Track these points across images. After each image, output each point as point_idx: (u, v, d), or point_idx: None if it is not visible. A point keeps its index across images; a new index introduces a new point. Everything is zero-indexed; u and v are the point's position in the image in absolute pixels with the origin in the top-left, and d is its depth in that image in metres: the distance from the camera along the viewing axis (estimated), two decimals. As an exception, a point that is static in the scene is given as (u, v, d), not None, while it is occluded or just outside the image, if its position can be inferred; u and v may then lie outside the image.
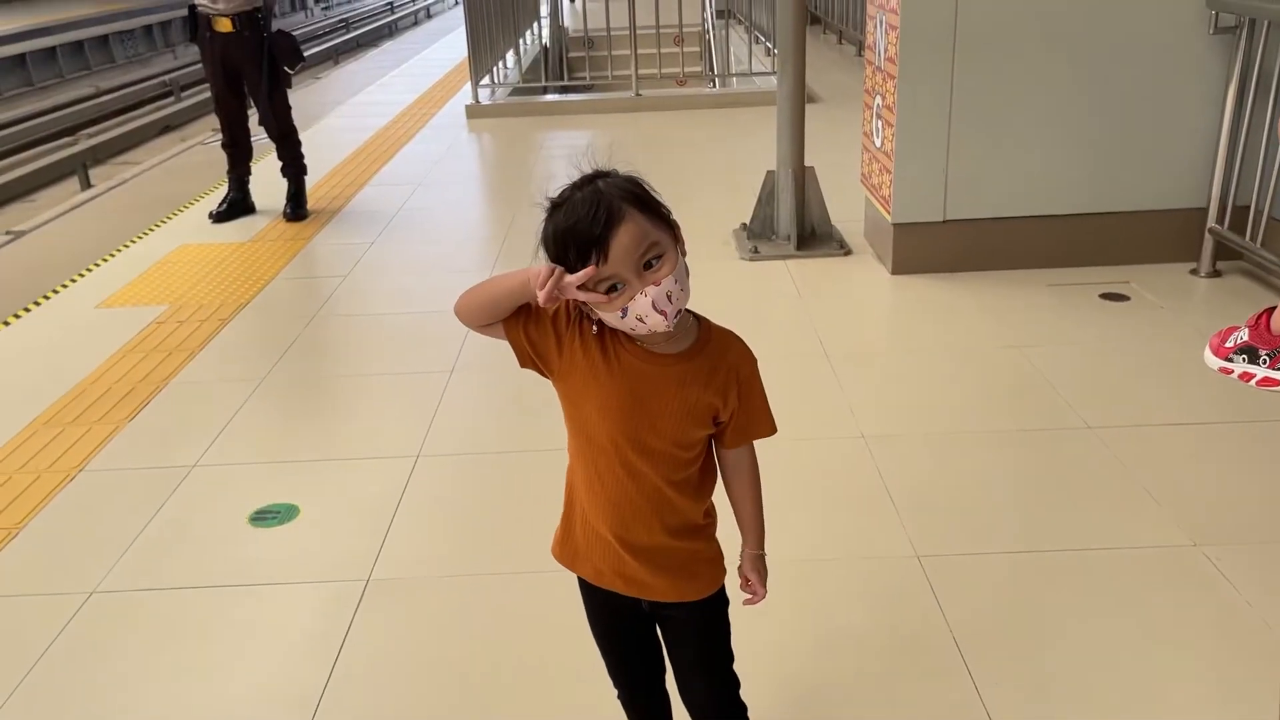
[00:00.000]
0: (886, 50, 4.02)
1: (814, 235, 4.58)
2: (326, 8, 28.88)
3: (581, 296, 1.25)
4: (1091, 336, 3.56)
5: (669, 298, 1.24)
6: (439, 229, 5.26)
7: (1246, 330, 1.22)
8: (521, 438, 3.07)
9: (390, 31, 23.78)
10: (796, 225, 4.50)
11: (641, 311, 1.24)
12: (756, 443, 1.48)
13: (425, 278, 4.51)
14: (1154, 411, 3.01)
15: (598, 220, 1.23)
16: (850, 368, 3.36)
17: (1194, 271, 4.01)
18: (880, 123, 4.17)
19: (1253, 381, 1.19)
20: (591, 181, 1.29)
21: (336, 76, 12.09)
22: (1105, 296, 3.85)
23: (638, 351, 1.33)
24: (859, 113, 4.58)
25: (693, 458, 1.41)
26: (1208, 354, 1.27)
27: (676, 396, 1.34)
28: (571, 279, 1.23)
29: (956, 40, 3.81)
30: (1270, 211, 3.68)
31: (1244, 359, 1.20)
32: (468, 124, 7.81)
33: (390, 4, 29.94)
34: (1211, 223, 3.92)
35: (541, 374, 1.40)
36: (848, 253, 4.46)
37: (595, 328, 1.34)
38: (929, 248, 4.10)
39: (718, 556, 1.49)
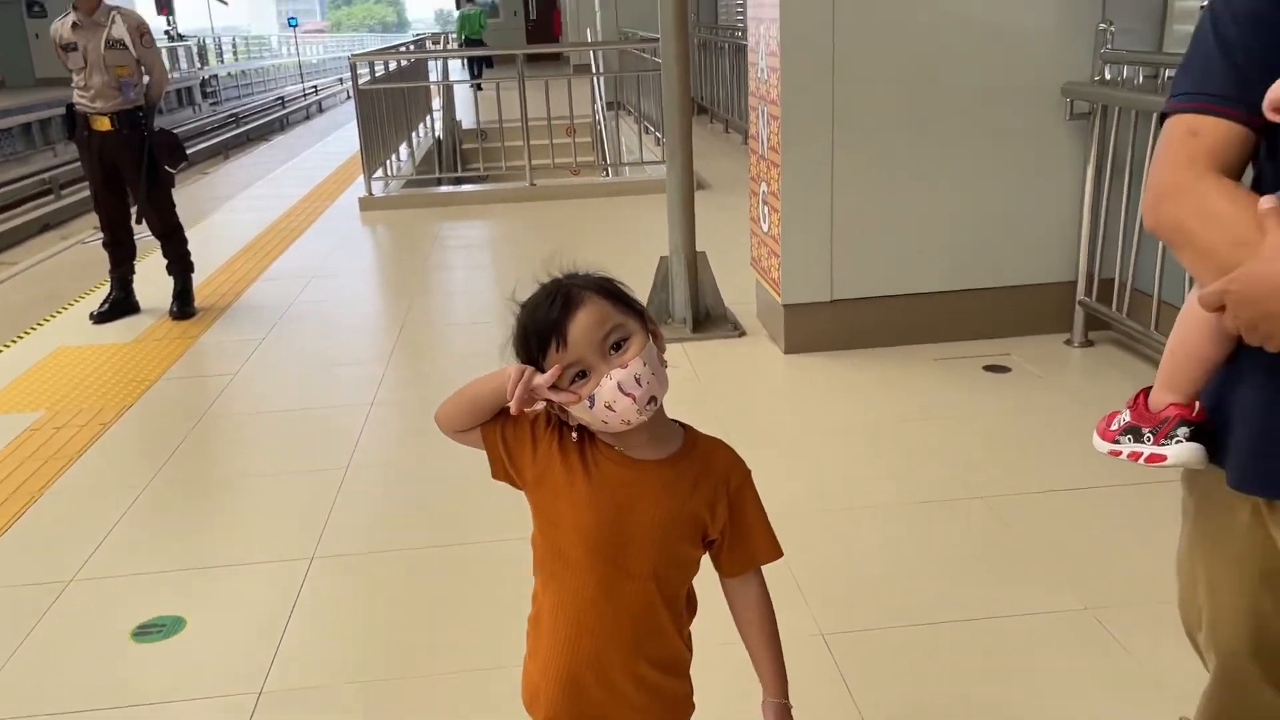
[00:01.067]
0: (769, 140, 4.16)
1: (709, 318, 4.66)
2: (215, 103, 28.62)
3: (553, 397, 1.22)
4: (978, 408, 3.68)
5: (637, 380, 1.20)
6: (333, 322, 5.18)
7: (1128, 412, 1.25)
8: (422, 535, 3.00)
9: (281, 126, 23.67)
10: (691, 309, 4.57)
11: (609, 397, 1.20)
12: None
13: (320, 372, 4.42)
14: (1040, 479, 3.10)
15: (555, 305, 1.22)
16: (749, 447, 3.37)
17: (1068, 342, 4.20)
18: (766, 208, 4.30)
19: (1140, 459, 1.22)
20: (556, 280, 1.29)
21: (226, 171, 11.93)
22: (988, 369, 3.99)
23: (618, 457, 1.28)
24: (747, 198, 4.71)
25: (680, 579, 1.34)
26: (1096, 439, 1.30)
27: (660, 504, 1.28)
28: (541, 379, 1.21)
29: (835, 130, 3.97)
30: (1133, 284, 3.89)
31: (1130, 439, 1.23)
32: (361, 216, 7.76)
33: (281, 99, 29.87)
34: (1081, 296, 4.13)
35: (514, 485, 1.34)
36: (742, 334, 4.54)
37: (575, 434, 1.29)
38: (819, 327, 4.20)
39: (690, 695, 1.41)
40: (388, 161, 8.68)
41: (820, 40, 3.87)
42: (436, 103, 11.13)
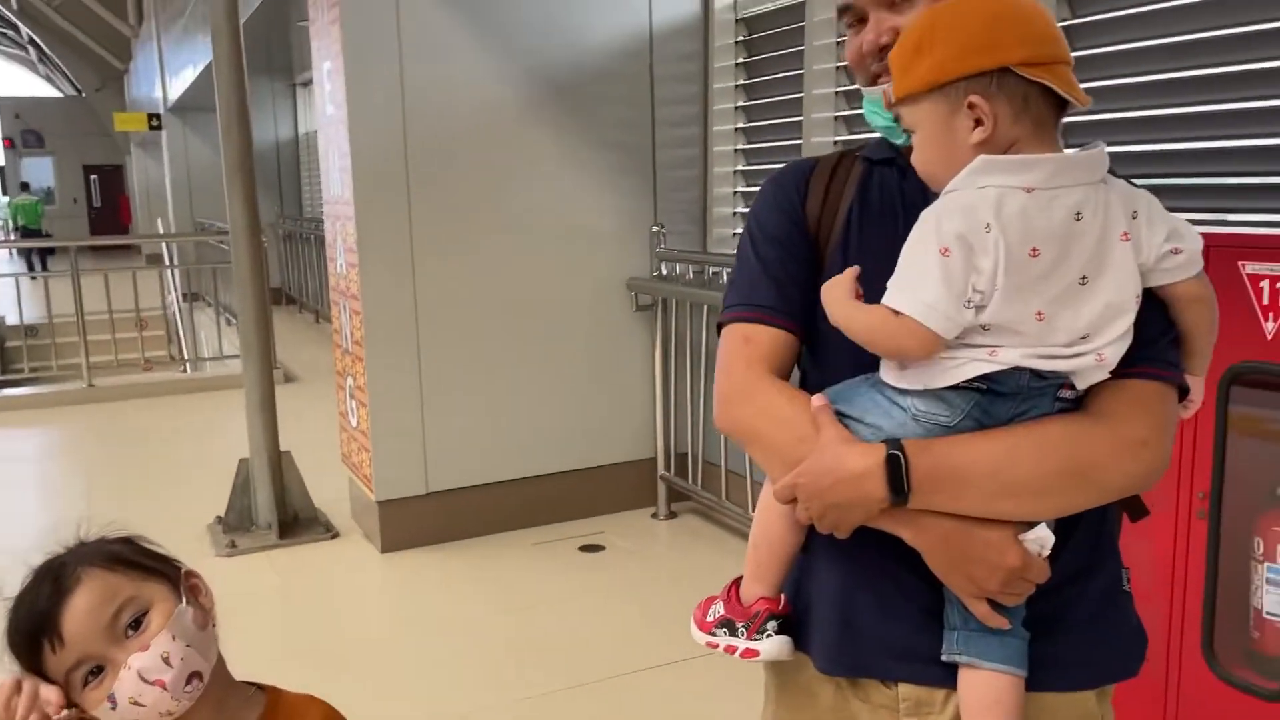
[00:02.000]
0: (353, 334, 4.09)
1: (297, 521, 4.36)
2: None
3: (66, 716, 0.97)
4: (576, 589, 3.72)
5: (166, 660, 0.99)
6: None
7: (722, 604, 1.26)
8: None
9: None
10: (277, 513, 4.26)
11: (131, 691, 0.98)
12: None
13: None
14: (638, 656, 3.15)
15: (41, 594, 0.99)
16: (345, 660, 3.14)
17: (655, 515, 4.42)
18: (354, 403, 4.18)
19: (736, 654, 1.22)
20: (50, 559, 1.04)
21: None
22: (584, 549, 4.08)
23: None
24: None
25: None
26: (694, 629, 1.28)
27: None
28: (49, 697, 0.97)
29: (419, 321, 3.99)
30: (704, 456, 4.22)
31: (725, 632, 1.23)
32: None
33: None
34: (661, 471, 4.39)
35: None
36: (335, 535, 4.29)
37: None
38: (416, 521, 4.08)
39: None
40: (-96, 365, 7.44)
41: (398, 237, 3.92)
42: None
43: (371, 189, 3.87)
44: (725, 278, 3.61)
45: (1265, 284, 1.95)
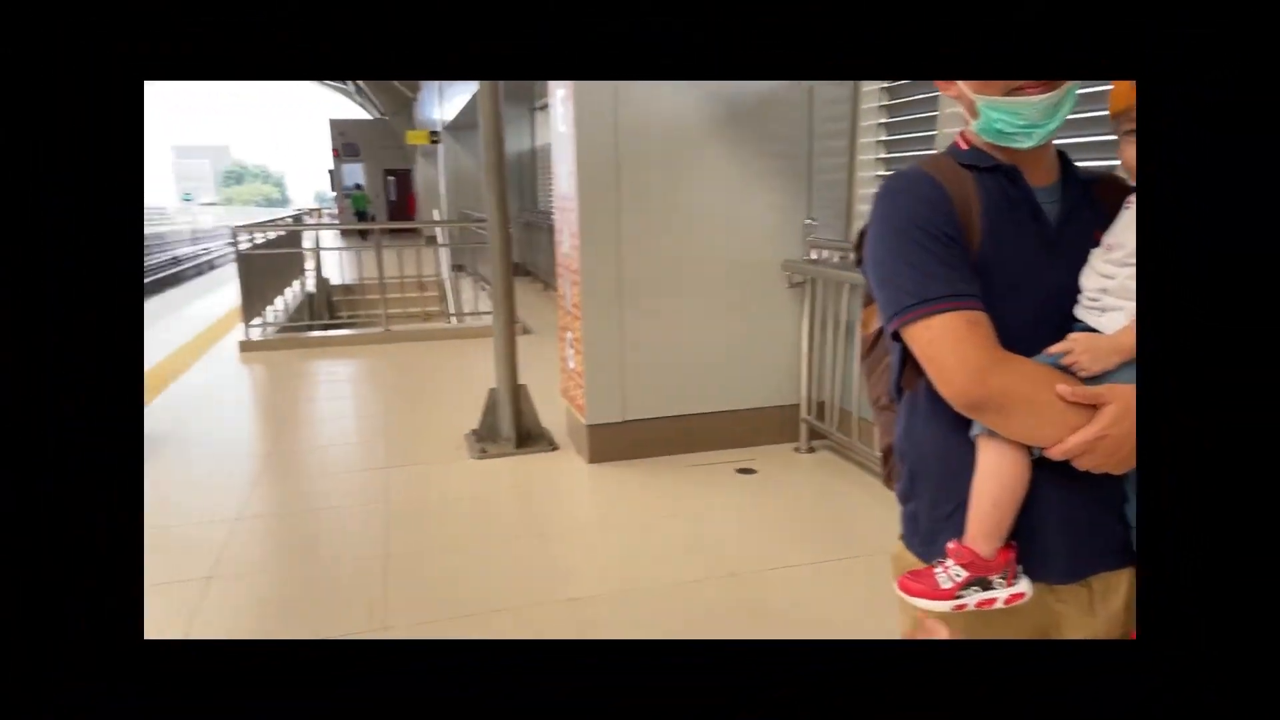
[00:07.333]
0: (572, 299, 4.22)
1: (529, 437, 4.58)
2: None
3: None
4: (733, 503, 3.75)
5: None
6: (207, 446, 4.75)
7: (962, 568, 1.11)
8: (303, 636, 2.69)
9: (176, 280, 22.09)
10: (515, 430, 4.49)
11: None
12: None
13: (185, 490, 4.01)
14: (785, 556, 3.17)
15: None
16: (561, 537, 3.31)
17: (797, 449, 4.38)
18: (572, 350, 4.33)
19: (998, 603, 1.11)
20: None
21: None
22: (740, 471, 4.09)
23: None
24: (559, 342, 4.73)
25: None
26: (927, 603, 1.12)
27: None
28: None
29: (621, 290, 4.08)
30: (840, 404, 4.14)
31: (976, 589, 1.11)
32: (240, 357, 7.26)
33: (176, 257, 28.03)
34: (804, 414, 4.33)
35: None
36: (555, 449, 4.49)
37: None
38: (614, 442, 4.21)
39: None
40: (265, 311, 8.23)
41: (609, 226, 4.01)
42: (310, 263, 10.72)
43: (591, 189, 3.96)
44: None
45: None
